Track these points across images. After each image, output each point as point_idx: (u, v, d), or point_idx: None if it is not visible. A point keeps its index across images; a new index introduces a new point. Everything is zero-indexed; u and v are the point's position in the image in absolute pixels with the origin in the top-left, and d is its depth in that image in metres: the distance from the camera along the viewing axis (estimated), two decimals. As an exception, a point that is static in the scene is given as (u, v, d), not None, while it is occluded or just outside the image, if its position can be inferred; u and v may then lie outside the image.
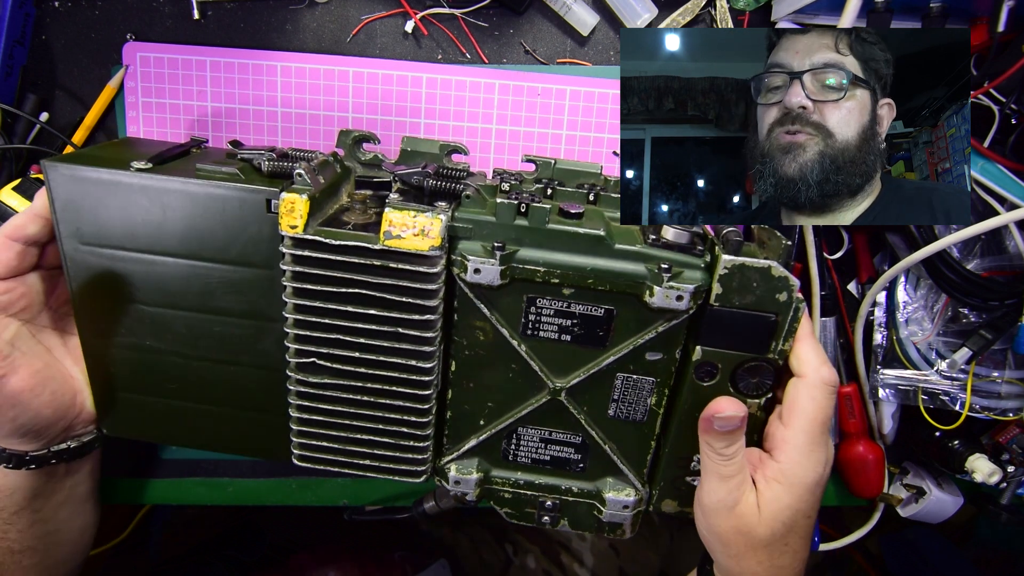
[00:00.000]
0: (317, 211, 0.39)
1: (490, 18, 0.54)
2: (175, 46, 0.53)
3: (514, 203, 0.38)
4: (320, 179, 0.40)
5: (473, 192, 0.39)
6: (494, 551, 0.86)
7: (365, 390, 0.42)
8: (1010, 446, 0.55)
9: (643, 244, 0.39)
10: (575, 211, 0.39)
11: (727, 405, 0.40)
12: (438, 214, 0.37)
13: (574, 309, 0.40)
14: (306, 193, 0.37)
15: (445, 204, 0.39)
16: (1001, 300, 0.51)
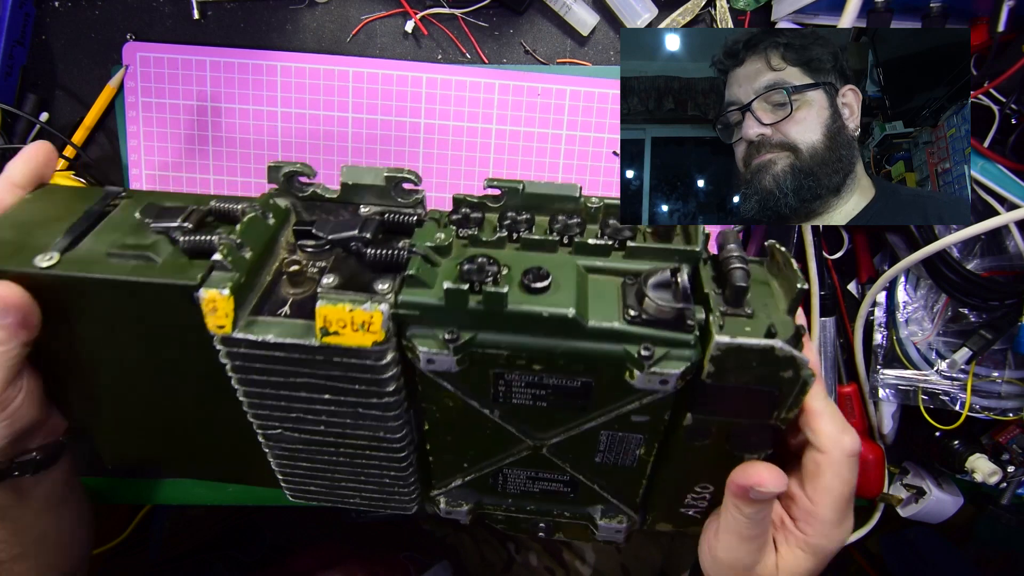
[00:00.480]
0: (248, 291, 0.35)
1: (490, 18, 0.54)
2: (175, 46, 0.53)
3: (463, 290, 0.33)
4: (247, 252, 0.35)
5: (421, 260, 0.34)
6: (496, 549, 0.87)
7: (338, 451, 0.40)
8: (1010, 446, 0.55)
9: (622, 320, 0.34)
10: (540, 286, 0.34)
11: (768, 477, 0.36)
12: (378, 304, 0.33)
13: (547, 382, 0.36)
14: (228, 287, 0.33)
15: (387, 286, 0.34)
16: (1001, 300, 0.51)
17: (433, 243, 0.35)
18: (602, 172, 0.56)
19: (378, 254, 0.35)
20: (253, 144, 0.55)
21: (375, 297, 0.33)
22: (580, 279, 0.36)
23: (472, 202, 0.39)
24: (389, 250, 0.35)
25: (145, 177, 0.55)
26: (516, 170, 0.56)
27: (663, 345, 0.34)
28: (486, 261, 0.35)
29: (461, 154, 0.56)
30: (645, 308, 0.34)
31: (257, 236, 0.36)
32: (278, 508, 0.63)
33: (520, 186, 0.38)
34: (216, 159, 0.55)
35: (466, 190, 0.56)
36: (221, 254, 0.33)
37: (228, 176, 0.56)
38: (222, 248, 0.34)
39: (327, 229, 0.36)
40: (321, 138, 0.55)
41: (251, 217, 0.36)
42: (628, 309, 0.34)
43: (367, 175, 0.39)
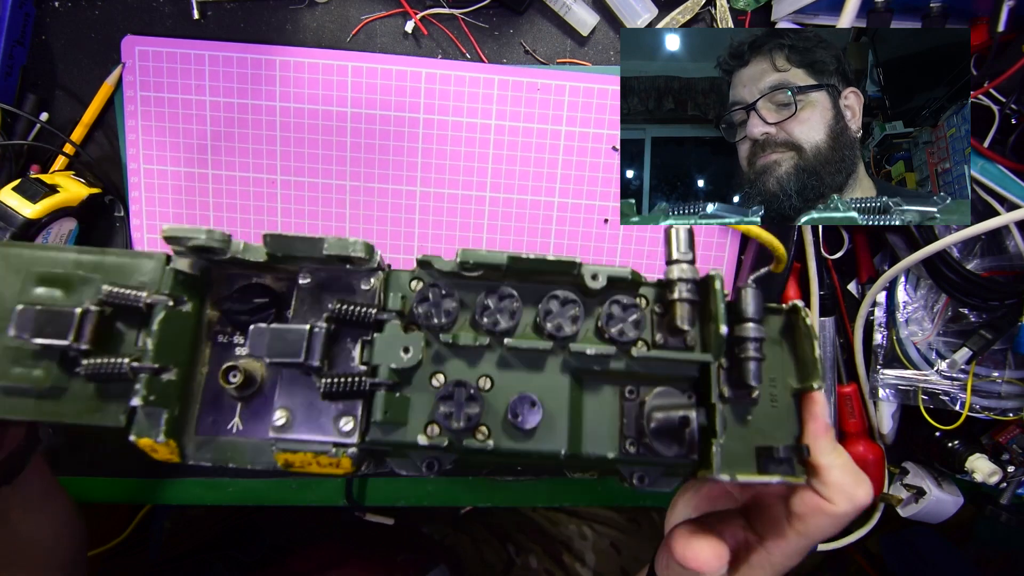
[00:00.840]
0: (186, 407, 0.31)
1: (490, 18, 0.54)
2: (174, 40, 0.53)
3: (442, 443, 0.31)
4: (171, 375, 0.30)
5: (386, 395, 0.31)
6: (496, 551, 0.86)
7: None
8: (1010, 446, 0.55)
9: (619, 451, 0.32)
10: (529, 427, 0.31)
11: (707, 561, 0.33)
12: (344, 451, 0.30)
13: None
14: (162, 433, 0.30)
15: (350, 426, 0.31)
16: (1001, 300, 0.51)
17: (398, 364, 0.31)
18: (601, 168, 0.56)
19: (333, 385, 0.30)
20: (252, 139, 0.55)
21: (339, 442, 0.30)
22: (574, 402, 0.33)
23: (446, 272, 0.33)
24: (345, 381, 0.30)
25: (144, 172, 0.55)
26: (515, 166, 0.56)
27: (659, 467, 0.33)
28: (464, 395, 0.31)
29: (460, 149, 0.55)
30: (645, 443, 0.32)
31: (177, 338, 0.31)
32: (278, 508, 0.63)
33: (503, 263, 0.32)
34: (215, 153, 0.55)
35: (464, 187, 0.56)
36: (140, 398, 0.29)
37: (227, 171, 0.56)
38: (140, 390, 0.29)
39: (262, 344, 0.30)
40: (320, 132, 0.55)
41: (163, 318, 0.30)
42: (627, 441, 0.33)
43: (300, 246, 0.31)
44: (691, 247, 0.33)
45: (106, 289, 0.31)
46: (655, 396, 0.33)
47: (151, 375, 0.29)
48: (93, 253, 0.33)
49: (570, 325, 0.32)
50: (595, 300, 0.34)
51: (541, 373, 0.33)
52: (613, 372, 0.33)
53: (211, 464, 0.31)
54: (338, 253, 0.31)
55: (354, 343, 0.32)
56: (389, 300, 0.32)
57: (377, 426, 0.31)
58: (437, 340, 0.32)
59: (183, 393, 0.31)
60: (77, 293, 0.32)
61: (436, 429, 0.31)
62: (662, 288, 0.34)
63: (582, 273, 0.32)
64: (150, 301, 0.30)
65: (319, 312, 0.32)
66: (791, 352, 0.35)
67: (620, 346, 0.33)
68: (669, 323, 0.33)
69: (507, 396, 0.32)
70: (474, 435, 0.31)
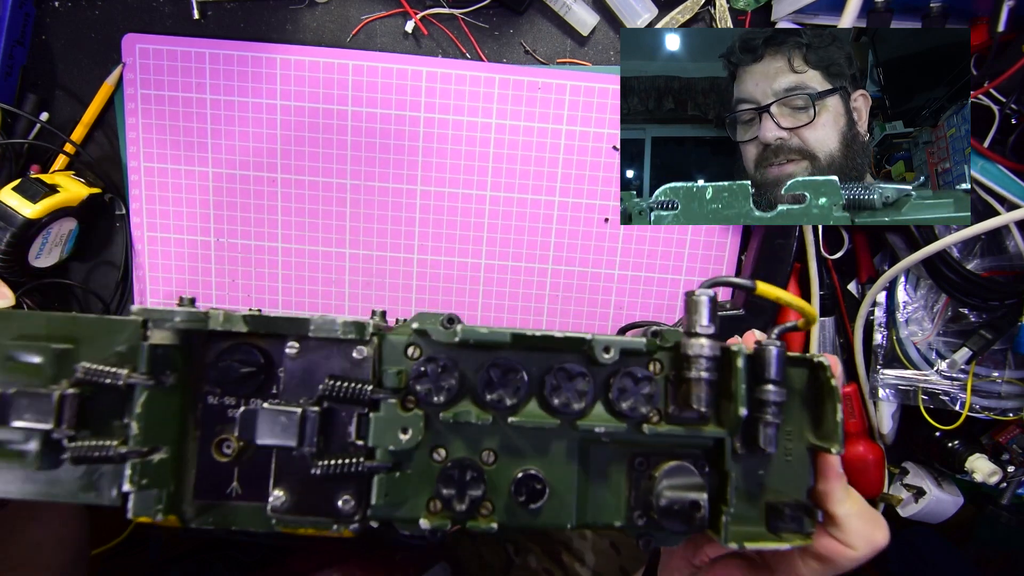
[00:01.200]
0: (180, 479, 0.30)
1: (490, 18, 0.54)
2: (175, 38, 0.53)
3: (445, 525, 0.30)
4: (162, 453, 0.29)
5: (385, 479, 0.30)
6: (495, 550, 0.86)
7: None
8: (1010, 446, 0.55)
9: (626, 520, 0.32)
10: (535, 506, 0.30)
11: None
12: (345, 526, 0.30)
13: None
14: (160, 512, 0.29)
15: (351, 504, 0.30)
16: (1001, 300, 0.51)
17: (397, 446, 0.30)
18: (601, 167, 0.56)
19: (329, 468, 0.29)
20: (252, 137, 0.55)
21: (340, 519, 0.30)
22: (581, 475, 0.32)
23: (444, 345, 0.31)
24: (341, 464, 0.30)
25: (144, 170, 0.55)
26: (516, 165, 0.56)
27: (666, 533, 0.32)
28: (467, 476, 0.30)
29: (460, 148, 0.55)
30: (653, 517, 0.31)
31: (163, 416, 0.30)
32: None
33: (506, 340, 0.30)
34: (215, 152, 0.55)
35: (464, 186, 0.56)
36: (133, 485, 0.28)
37: (227, 169, 0.56)
38: (131, 475, 0.28)
39: (253, 428, 0.29)
40: (320, 131, 0.55)
41: (145, 400, 0.29)
42: (635, 513, 0.32)
43: (284, 326, 0.30)
44: (714, 319, 0.31)
45: (82, 368, 0.29)
46: (665, 473, 0.32)
47: (140, 459, 0.29)
48: (65, 321, 0.31)
49: (578, 400, 0.31)
50: (606, 370, 0.32)
51: (547, 450, 0.32)
52: (622, 442, 0.33)
53: (214, 528, 0.31)
54: (325, 336, 0.30)
55: (350, 416, 0.30)
56: (384, 376, 0.31)
57: (377, 500, 0.30)
58: (437, 418, 0.31)
59: (176, 467, 0.30)
60: (53, 367, 0.30)
61: (438, 505, 0.31)
62: (678, 355, 0.32)
63: (593, 347, 0.31)
64: (130, 381, 0.29)
65: (310, 385, 0.30)
66: (810, 407, 0.33)
67: (631, 421, 0.31)
68: (684, 397, 0.31)
69: (511, 472, 0.31)
70: (478, 513, 0.31)
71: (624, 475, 0.33)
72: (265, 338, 0.31)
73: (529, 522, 0.31)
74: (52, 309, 0.56)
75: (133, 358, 0.30)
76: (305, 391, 0.30)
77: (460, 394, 0.31)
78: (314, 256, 0.57)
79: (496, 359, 0.31)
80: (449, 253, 0.57)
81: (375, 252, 0.57)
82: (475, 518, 0.31)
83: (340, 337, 0.30)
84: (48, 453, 0.29)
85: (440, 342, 0.31)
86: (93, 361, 0.29)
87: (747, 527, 0.32)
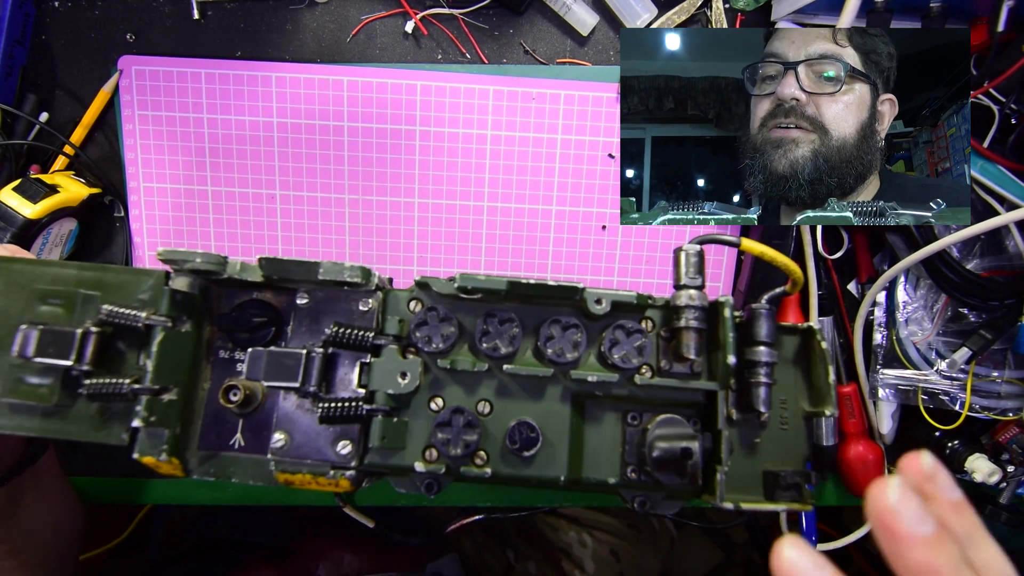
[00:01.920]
0: (188, 424, 0.31)
1: (490, 18, 0.54)
2: (170, 59, 0.53)
3: (439, 469, 0.31)
4: (172, 394, 0.31)
5: (383, 422, 0.31)
6: (496, 555, 0.86)
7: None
8: (1010, 446, 0.55)
9: (620, 476, 0.32)
10: (528, 454, 0.31)
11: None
12: (342, 473, 0.31)
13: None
14: (164, 451, 0.30)
15: (348, 450, 0.31)
16: (1001, 300, 0.51)
17: (396, 390, 0.31)
18: (598, 175, 0.56)
19: (330, 409, 0.30)
20: (250, 155, 0.55)
21: (337, 464, 0.30)
22: (574, 428, 0.32)
23: (444, 295, 0.32)
24: (342, 406, 0.30)
25: (144, 190, 0.55)
26: (512, 175, 0.56)
27: (661, 492, 0.33)
28: (462, 422, 0.31)
29: (457, 160, 0.56)
30: (647, 471, 0.32)
31: (176, 358, 0.31)
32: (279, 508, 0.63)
33: (502, 287, 0.31)
34: (214, 170, 0.55)
35: (462, 198, 0.56)
36: (141, 419, 0.29)
37: (226, 187, 0.56)
38: (141, 411, 0.29)
39: (259, 368, 0.30)
40: (318, 147, 0.55)
41: (162, 340, 0.30)
42: (628, 467, 0.32)
43: (295, 270, 0.31)
44: (700, 271, 0.32)
45: (106, 309, 0.31)
46: (658, 424, 0.32)
47: (152, 396, 0.30)
48: (94, 269, 0.33)
49: (571, 351, 0.32)
50: (599, 324, 0.33)
51: (541, 399, 0.32)
52: (615, 397, 0.33)
53: (214, 479, 0.32)
54: (333, 278, 0.31)
55: (353, 364, 0.32)
56: (387, 324, 0.32)
57: (374, 451, 0.31)
58: (435, 365, 0.32)
59: (185, 411, 0.32)
60: (79, 310, 0.32)
61: (434, 453, 0.31)
62: (669, 311, 0.33)
63: (585, 298, 0.31)
64: (149, 322, 0.31)
65: (318, 333, 0.32)
66: (804, 374, 0.34)
67: (623, 373, 0.32)
68: (675, 349, 0.32)
69: (506, 421, 0.31)
70: (472, 461, 0.31)
71: (618, 430, 0.33)
72: (278, 294, 0.33)
73: (521, 471, 0.31)
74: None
75: (155, 305, 0.32)
76: (312, 338, 0.32)
77: (458, 343, 0.32)
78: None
79: (492, 309, 0.32)
80: (449, 265, 0.57)
81: (375, 265, 0.57)
82: (468, 465, 0.31)
83: (347, 280, 0.31)
84: (66, 389, 0.31)
85: (440, 293, 0.32)
86: (118, 306, 0.31)
87: (744, 493, 0.32)
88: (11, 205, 0.48)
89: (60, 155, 0.54)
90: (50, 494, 0.50)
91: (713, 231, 0.57)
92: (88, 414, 0.32)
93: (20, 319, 0.32)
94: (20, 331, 0.31)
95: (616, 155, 0.55)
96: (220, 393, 0.32)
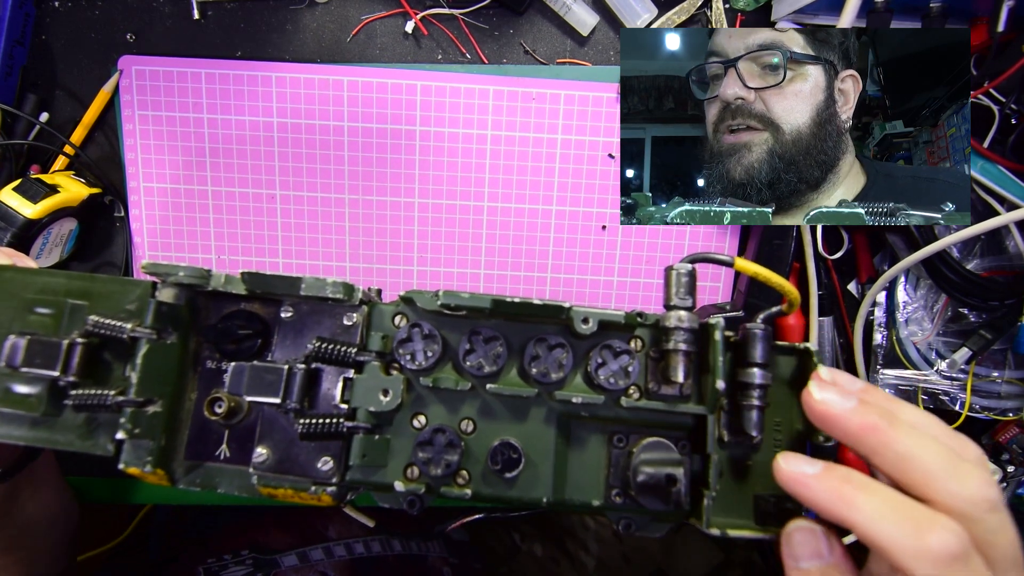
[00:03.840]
0: (174, 435, 0.31)
1: (490, 18, 0.54)
2: (170, 59, 0.53)
3: (419, 489, 0.31)
4: (156, 406, 0.31)
5: (365, 440, 0.31)
6: (500, 538, 0.87)
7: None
8: (1010, 446, 0.55)
9: (604, 499, 0.32)
10: (511, 475, 0.31)
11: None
12: (323, 489, 0.31)
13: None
14: (149, 463, 0.30)
15: (330, 466, 0.30)
16: (1001, 300, 0.51)
17: (377, 408, 0.30)
18: (598, 175, 0.56)
19: (310, 426, 0.30)
20: (250, 155, 0.55)
21: (319, 481, 0.30)
22: (559, 448, 0.32)
23: (427, 313, 0.32)
24: (322, 423, 0.30)
25: (144, 190, 0.55)
26: (512, 175, 0.56)
27: (646, 516, 0.32)
28: (444, 441, 0.31)
29: (457, 160, 0.56)
30: (631, 495, 0.31)
31: (162, 369, 0.31)
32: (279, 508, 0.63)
33: (486, 305, 0.30)
34: (214, 170, 0.55)
35: (462, 198, 0.56)
36: (125, 432, 0.29)
37: (226, 187, 0.56)
38: (124, 423, 0.29)
39: (241, 382, 0.31)
40: (318, 147, 0.55)
41: (146, 352, 0.30)
42: (613, 491, 0.32)
43: (278, 284, 0.31)
44: (691, 292, 0.31)
45: (92, 320, 0.31)
46: (643, 448, 0.31)
47: (136, 408, 0.30)
48: (83, 279, 0.33)
49: (557, 371, 0.31)
50: (586, 343, 0.32)
51: (525, 419, 0.32)
52: (602, 418, 0.32)
53: (200, 489, 0.32)
54: (315, 294, 0.31)
55: (337, 377, 0.32)
56: (370, 339, 0.31)
57: (356, 468, 0.31)
58: (418, 382, 0.32)
59: (171, 422, 0.32)
60: (67, 320, 0.32)
61: (415, 472, 0.31)
62: (658, 331, 0.32)
63: (571, 317, 0.30)
64: (134, 335, 0.31)
65: (303, 346, 0.32)
66: (799, 398, 0.32)
67: (610, 394, 0.31)
68: (664, 371, 0.31)
69: (489, 441, 0.31)
70: (454, 481, 0.31)
71: (603, 452, 0.32)
72: (265, 304, 0.33)
73: (503, 492, 0.31)
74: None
75: (141, 316, 0.32)
76: (297, 351, 0.32)
77: (442, 361, 0.32)
78: (315, 271, 0.57)
79: (477, 327, 0.31)
80: (448, 264, 0.57)
81: (375, 265, 0.57)
82: (450, 485, 0.31)
83: (329, 296, 0.31)
84: (53, 399, 0.31)
85: (425, 309, 0.31)
86: (104, 317, 0.31)
87: (734, 517, 0.32)
88: (11, 205, 0.48)
89: (60, 155, 0.54)
90: (46, 491, 0.50)
91: (711, 235, 0.57)
92: (75, 424, 0.32)
93: (9, 328, 0.32)
94: (8, 340, 0.31)
95: (616, 155, 0.55)
96: (205, 405, 0.32)
